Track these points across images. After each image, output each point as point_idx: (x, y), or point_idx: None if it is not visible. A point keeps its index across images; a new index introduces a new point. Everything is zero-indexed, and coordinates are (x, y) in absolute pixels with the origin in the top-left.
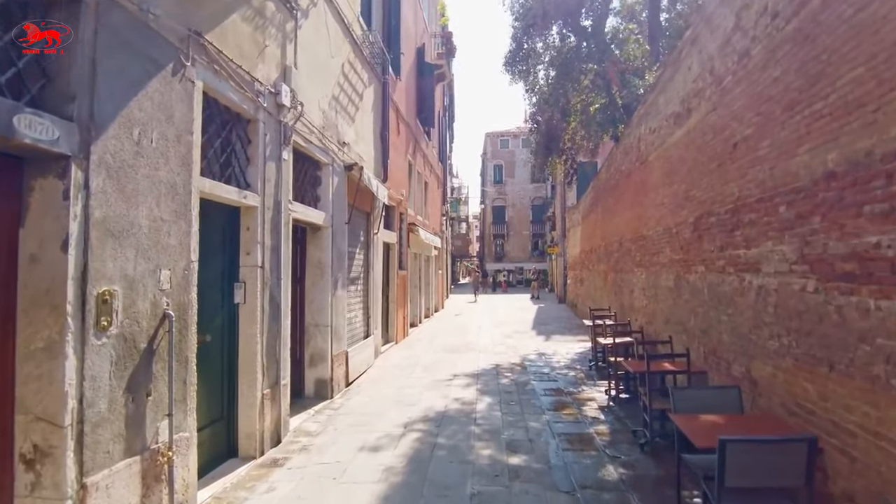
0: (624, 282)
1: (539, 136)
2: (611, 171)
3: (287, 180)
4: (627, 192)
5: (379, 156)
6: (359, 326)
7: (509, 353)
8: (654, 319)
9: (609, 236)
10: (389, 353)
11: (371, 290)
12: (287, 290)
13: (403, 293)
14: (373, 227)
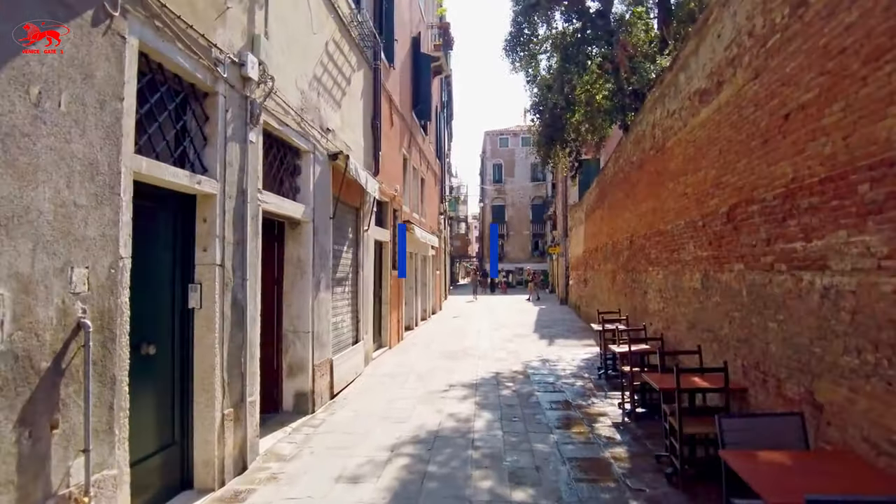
0: (636, 282)
1: (542, 126)
2: (619, 163)
3: (256, 166)
4: (639, 185)
5: (369, 147)
6: (346, 331)
7: (510, 359)
8: (673, 324)
9: (617, 233)
10: (382, 359)
11: (361, 291)
12: (255, 293)
13: (398, 295)
14: (362, 224)
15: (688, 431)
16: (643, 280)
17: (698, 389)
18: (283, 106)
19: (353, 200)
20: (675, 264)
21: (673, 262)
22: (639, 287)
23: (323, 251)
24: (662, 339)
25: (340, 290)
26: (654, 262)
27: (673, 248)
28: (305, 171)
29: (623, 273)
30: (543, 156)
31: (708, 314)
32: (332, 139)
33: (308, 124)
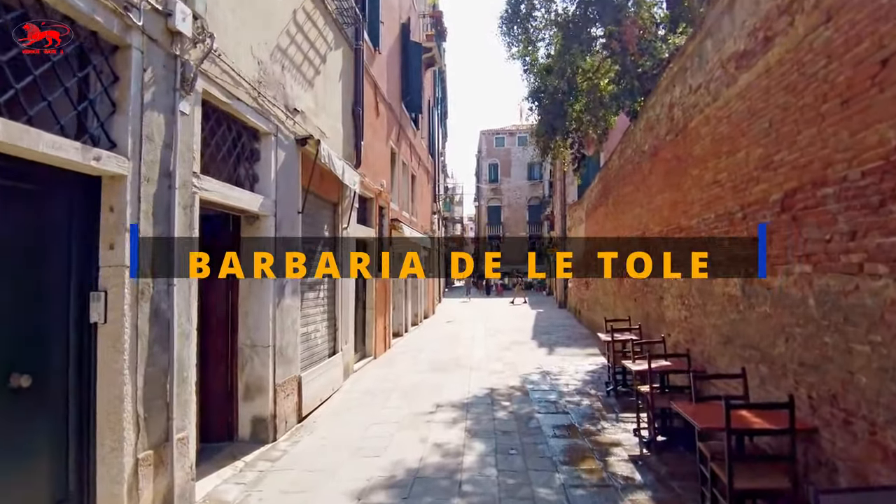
0: (649, 286)
1: (541, 114)
2: (626, 154)
3: (190, 144)
4: (652, 176)
5: (349, 135)
6: (321, 343)
7: (507, 371)
8: (699, 337)
9: (624, 232)
10: (364, 371)
11: (340, 296)
12: (189, 302)
13: (384, 299)
14: (341, 221)
15: (740, 487)
16: (659, 284)
17: (751, 431)
18: (232, 75)
19: (329, 194)
20: None
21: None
22: (653, 292)
23: (291, 250)
24: (689, 355)
25: (314, 296)
26: (674, 263)
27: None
28: (266, 157)
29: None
30: (543, 147)
31: (751, 328)
32: (301, 122)
33: (268, 101)
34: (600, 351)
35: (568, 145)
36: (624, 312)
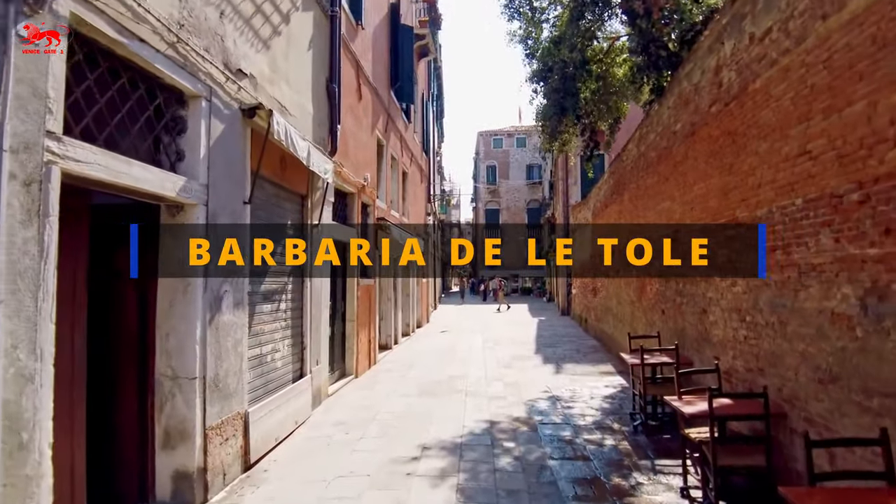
0: (684, 295)
1: (549, 93)
2: (647, 140)
3: (41, 88)
4: (689, 161)
5: (323, 117)
6: (281, 366)
7: (509, 396)
8: (777, 368)
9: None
10: (341, 395)
11: (309, 308)
12: (37, 324)
13: (368, 309)
14: (310, 217)
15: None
16: (699, 293)
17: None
18: (130, 3)
19: (293, 183)
20: (778, 271)
21: (775, 267)
22: (690, 302)
23: (232, 252)
24: (766, 396)
25: (271, 309)
26: (724, 268)
27: (770, 244)
28: (194, 128)
29: (659, 282)
30: (550, 131)
31: (888, 366)
32: (249, 89)
33: (196, 53)
34: (615, 369)
35: (578, 131)
36: (646, 326)
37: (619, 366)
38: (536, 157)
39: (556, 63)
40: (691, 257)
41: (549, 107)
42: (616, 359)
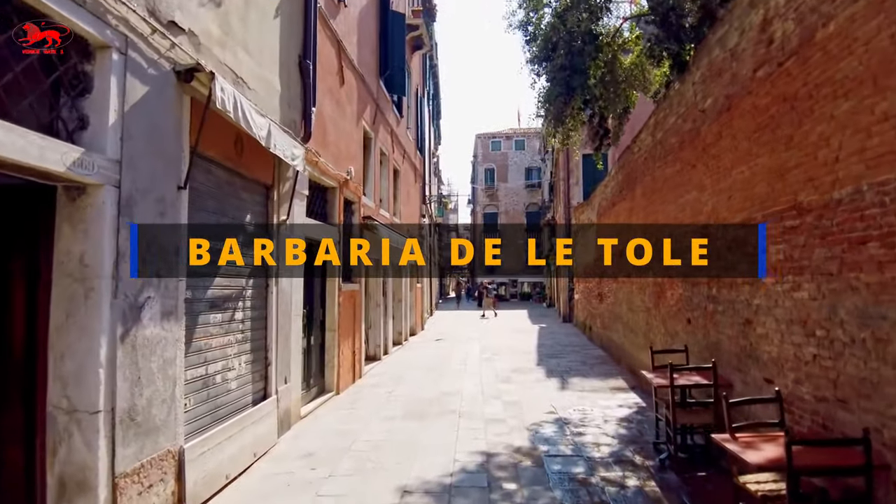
0: (720, 301)
1: (554, 71)
2: (666, 125)
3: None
4: (725, 140)
5: (294, 96)
6: (236, 388)
7: (509, 418)
8: (868, 400)
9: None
10: (316, 418)
11: (275, 316)
12: None
13: (352, 318)
14: (277, 211)
15: None
16: (741, 299)
17: None
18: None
19: (254, 170)
20: (873, 270)
21: (861, 265)
22: (729, 311)
23: (159, 248)
24: (868, 442)
25: (222, 318)
26: (782, 267)
27: (858, 235)
28: (102, 87)
29: (683, 286)
30: (554, 115)
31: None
32: (189, 48)
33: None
34: (628, 384)
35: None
36: (665, 337)
37: (631, 380)
38: (535, 159)
39: (561, 38)
40: (730, 256)
41: (554, 87)
42: (627, 372)
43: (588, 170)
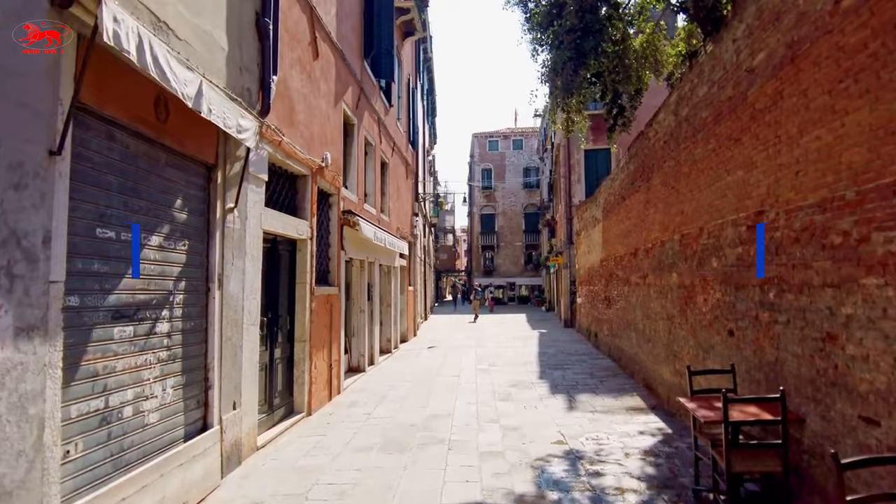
0: (783, 310)
1: (561, 35)
2: (696, 96)
3: None
4: (790, 97)
5: (248, 59)
6: (156, 421)
7: (509, 451)
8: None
9: (692, 221)
10: (276, 449)
11: (218, 327)
12: None
13: (329, 325)
14: (222, 197)
15: None
16: (819, 306)
17: None
18: None
19: (186, 144)
20: None
21: None
22: (798, 321)
23: (12, 235)
24: None
25: (134, 334)
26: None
27: None
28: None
29: (722, 289)
30: (564, 85)
31: None
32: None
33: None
34: (646, 403)
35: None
36: (696, 350)
37: (649, 398)
38: (534, 159)
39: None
40: (799, 250)
41: (562, 52)
42: (643, 387)
43: (590, 166)
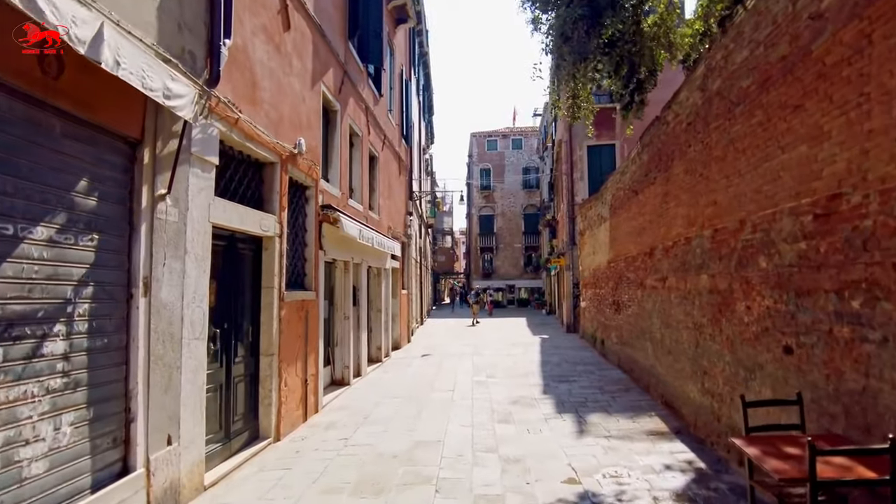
0: (875, 323)
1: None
2: (732, 64)
3: None
4: (884, 40)
5: (191, 16)
6: (43, 472)
7: (509, 492)
8: None
9: (735, 211)
10: (227, 487)
11: (143, 346)
12: None
13: (304, 336)
14: (150, 181)
15: None
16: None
17: None
18: None
19: (95, 109)
20: None
21: None
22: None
23: None
24: None
25: (5, 353)
26: None
27: None
28: None
29: (775, 294)
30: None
31: None
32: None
33: None
34: (669, 427)
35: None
36: (736, 369)
37: (671, 418)
38: (533, 158)
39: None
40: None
41: (573, 11)
42: (662, 405)
43: (594, 163)
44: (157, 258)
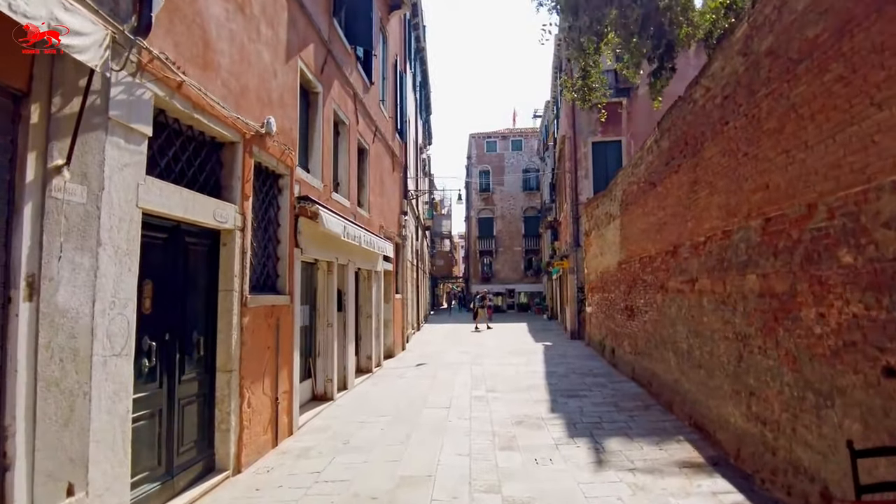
0: None
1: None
2: (794, 13)
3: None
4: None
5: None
6: None
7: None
8: None
9: (801, 193)
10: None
11: (26, 367)
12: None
13: (272, 347)
14: (41, 147)
15: None
16: None
17: None
18: None
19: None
20: None
21: None
22: None
23: None
24: None
25: None
26: None
27: None
28: None
29: (865, 300)
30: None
31: None
32: None
33: None
34: (704, 457)
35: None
36: (802, 393)
37: (705, 445)
38: (534, 160)
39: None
40: None
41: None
42: (689, 426)
43: (599, 160)
44: (50, 250)
